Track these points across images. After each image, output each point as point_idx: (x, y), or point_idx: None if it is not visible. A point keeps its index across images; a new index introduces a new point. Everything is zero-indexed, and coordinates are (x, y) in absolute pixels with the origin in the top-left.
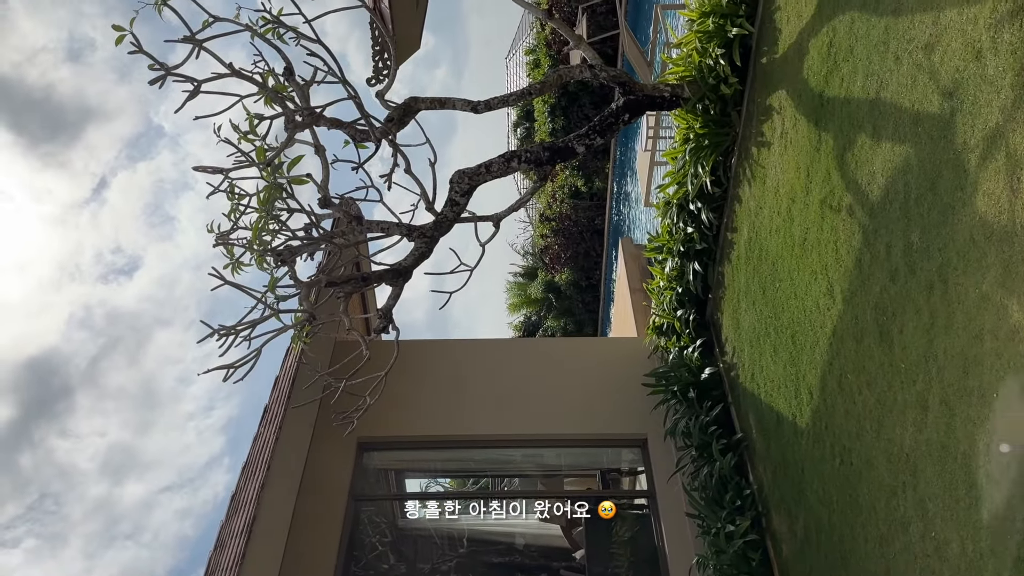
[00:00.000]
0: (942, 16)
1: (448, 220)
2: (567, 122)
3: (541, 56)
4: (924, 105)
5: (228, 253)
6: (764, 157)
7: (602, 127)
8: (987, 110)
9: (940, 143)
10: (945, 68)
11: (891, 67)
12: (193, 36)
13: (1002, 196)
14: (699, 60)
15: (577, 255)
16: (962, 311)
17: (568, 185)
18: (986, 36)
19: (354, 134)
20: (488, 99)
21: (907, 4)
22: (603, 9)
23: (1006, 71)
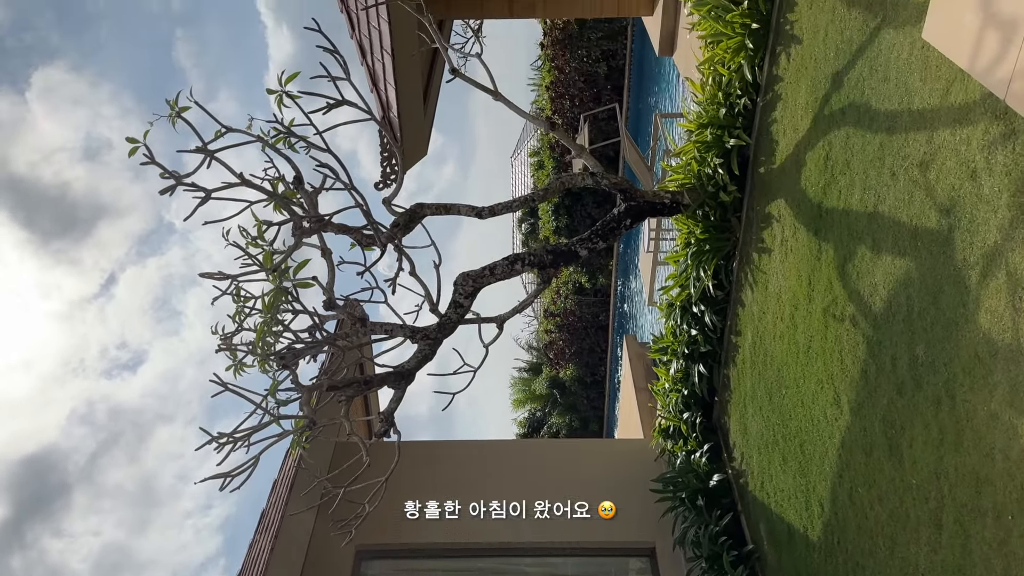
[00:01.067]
0: (935, 136)
1: (452, 322)
2: (571, 220)
3: (545, 158)
4: (922, 221)
5: (231, 356)
6: (765, 263)
7: (604, 231)
8: (985, 228)
9: (940, 258)
10: (941, 186)
11: (888, 182)
12: (205, 147)
13: (1005, 315)
14: (698, 169)
15: (582, 351)
16: (971, 429)
17: (572, 281)
18: (980, 157)
19: (360, 239)
20: (492, 205)
21: (901, 122)
22: (605, 115)
23: (1002, 191)
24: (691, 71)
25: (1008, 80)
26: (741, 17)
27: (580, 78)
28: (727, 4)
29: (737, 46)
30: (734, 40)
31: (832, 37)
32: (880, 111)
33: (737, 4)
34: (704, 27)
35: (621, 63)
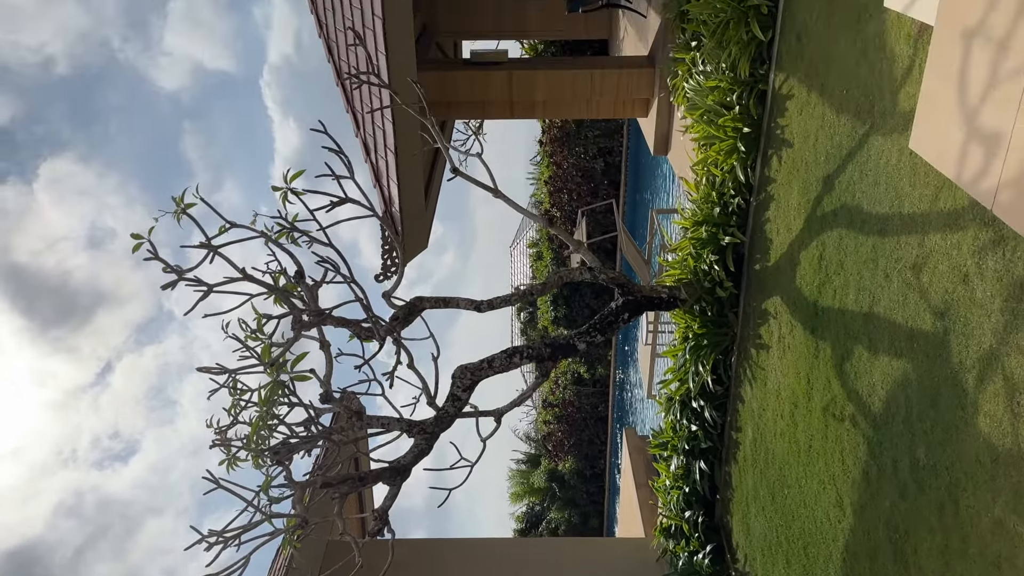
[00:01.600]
0: (927, 240)
1: (449, 416)
2: (569, 311)
3: (543, 249)
4: (917, 323)
5: (225, 451)
6: (763, 359)
7: (602, 325)
8: (979, 332)
9: (936, 361)
10: (934, 289)
11: (882, 283)
12: (209, 242)
13: (1004, 419)
14: (694, 264)
15: (581, 442)
16: (976, 535)
17: (571, 371)
18: (971, 262)
19: (359, 332)
20: (491, 299)
21: (892, 226)
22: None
23: (994, 296)
24: (685, 171)
25: (994, 191)
26: (733, 121)
27: (578, 173)
28: (719, 109)
29: (729, 148)
30: (726, 143)
31: (822, 142)
32: (872, 214)
33: (729, 109)
34: (697, 130)
35: (617, 159)
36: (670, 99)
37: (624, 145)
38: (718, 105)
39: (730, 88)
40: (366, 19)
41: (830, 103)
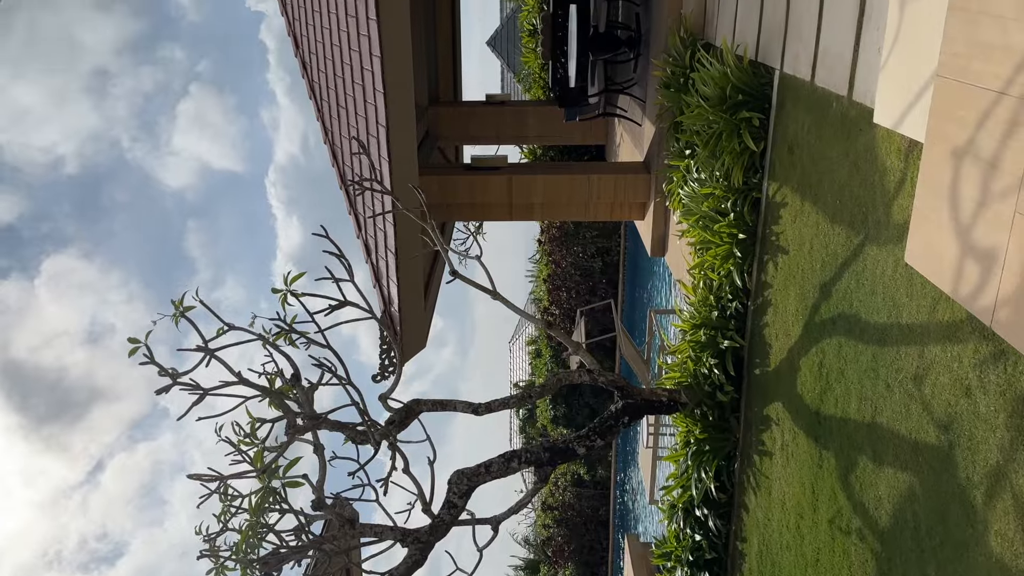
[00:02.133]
0: (927, 351)
1: (445, 524)
2: (568, 410)
3: (542, 347)
4: (921, 435)
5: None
6: (767, 467)
7: (602, 429)
8: (985, 447)
9: (943, 475)
10: (937, 401)
11: (883, 394)
12: (206, 345)
13: (1015, 539)
14: (694, 368)
15: (581, 548)
16: None
17: (571, 472)
18: (973, 375)
19: (355, 436)
20: (489, 402)
21: (891, 335)
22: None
23: (998, 411)
24: (682, 273)
25: (992, 309)
26: (728, 227)
27: (576, 272)
28: (714, 215)
29: (725, 253)
30: (722, 248)
31: (817, 250)
32: (870, 323)
33: (723, 215)
34: (693, 235)
35: (615, 259)
36: (666, 204)
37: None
38: (713, 212)
39: (724, 195)
40: (371, 127)
41: (824, 212)
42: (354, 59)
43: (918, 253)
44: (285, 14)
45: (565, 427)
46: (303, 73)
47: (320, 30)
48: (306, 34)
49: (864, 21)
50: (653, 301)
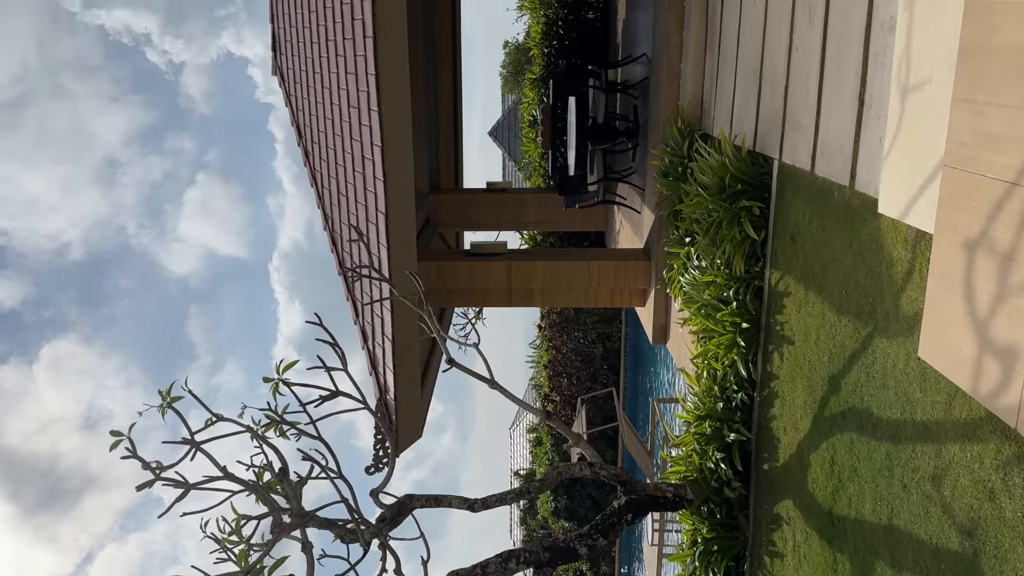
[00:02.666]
0: (944, 450)
1: None
2: (570, 501)
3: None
4: (943, 541)
5: None
6: (779, 569)
7: (604, 527)
8: (1014, 557)
9: None
10: (958, 504)
11: (900, 494)
12: (192, 438)
13: None
14: (700, 462)
15: None
16: None
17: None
18: (996, 477)
19: (344, 535)
20: (486, 497)
21: (906, 432)
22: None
23: None
24: (685, 362)
25: (1017, 409)
26: (731, 316)
27: (577, 358)
28: (716, 304)
29: (729, 343)
30: (726, 337)
31: (824, 341)
32: (882, 419)
33: (726, 304)
34: (695, 323)
35: (616, 345)
36: (667, 291)
37: (623, 332)
38: (715, 300)
39: (726, 284)
40: (370, 215)
41: (829, 303)
42: (355, 148)
43: (932, 348)
44: (290, 104)
45: (567, 520)
46: (305, 161)
47: (323, 120)
48: (310, 124)
49: (864, 112)
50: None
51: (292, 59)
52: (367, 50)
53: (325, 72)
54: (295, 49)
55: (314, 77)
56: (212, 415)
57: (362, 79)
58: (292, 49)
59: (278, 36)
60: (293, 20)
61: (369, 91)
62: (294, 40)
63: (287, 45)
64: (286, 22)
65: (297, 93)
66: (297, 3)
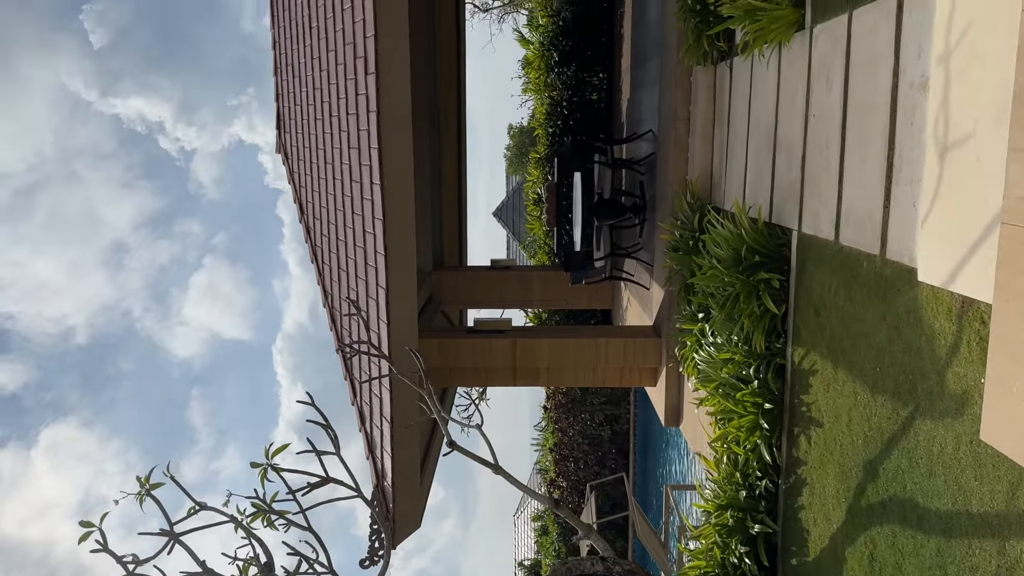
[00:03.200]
0: (1009, 547)
1: None
2: None
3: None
4: None
5: None
6: None
7: None
8: None
9: None
10: None
11: None
12: (171, 528)
13: None
14: (721, 556)
15: None
16: None
17: None
18: None
19: None
20: None
21: (959, 526)
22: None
23: None
24: (702, 446)
25: None
26: (752, 396)
27: (584, 441)
28: (735, 383)
29: (751, 425)
30: (747, 419)
31: (857, 423)
32: (931, 510)
33: (746, 383)
34: (712, 403)
35: (625, 427)
36: (679, 369)
37: (632, 413)
38: (734, 379)
39: (745, 361)
40: (370, 290)
41: (862, 381)
42: (357, 223)
43: (997, 429)
44: (293, 182)
45: None
46: (307, 238)
47: (325, 196)
48: (312, 200)
49: (893, 176)
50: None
51: (296, 136)
52: (370, 124)
53: (328, 147)
54: (299, 127)
55: (317, 153)
56: (195, 503)
57: (365, 153)
58: (296, 127)
59: (283, 114)
60: (298, 98)
61: (372, 165)
62: (298, 117)
63: (291, 123)
64: (291, 100)
65: (300, 170)
66: (302, 81)
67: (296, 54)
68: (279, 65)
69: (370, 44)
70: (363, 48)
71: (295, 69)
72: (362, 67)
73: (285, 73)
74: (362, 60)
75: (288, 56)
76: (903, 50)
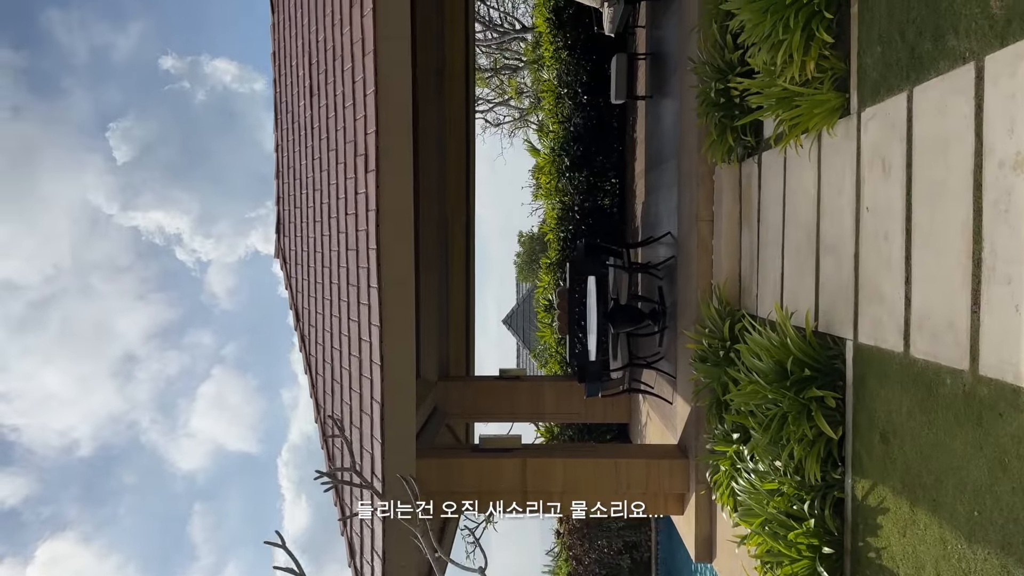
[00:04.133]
0: None
1: None
2: None
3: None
4: None
5: None
6: None
7: None
8: None
9: None
10: None
11: None
12: None
13: None
14: None
15: None
16: None
17: None
18: None
19: None
20: None
21: None
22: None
23: None
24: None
25: None
26: (807, 538)
27: (602, 571)
28: (785, 520)
29: (807, 572)
30: (801, 564)
31: None
32: None
33: (799, 520)
34: (757, 542)
35: (647, 555)
36: (711, 497)
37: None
38: (783, 515)
39: (796, 494)
40: (364, 403)
41: (953, 527)
42: (352, 329)
43: None
44: (289, 287)
45: None
46: (301, 347)
47: (321, 301)
48: (307, 306)
49: (983, 274)
50: None
51: (295, 240)
52: (369, 224)
53: (326, 251)
54: (298, 229)
55: (314, 256)
56: None
57: (363, 255)
58: (295, 230)
59: (283, 218)
60: (298, 201)
61: (369, 267)
62: (298, 220)
63: (291, 226)
64: (291, 203)
65: (297, 275)
66: (303, 183)
67: (298, 155)
68: (280, 168)
69: (371, 140)
70: (363, 145)
71: (296, 171)
72: (362, 165)
73: (287, 176)
74: (362, 158)
75: (289, 158)
76: (988, 126)
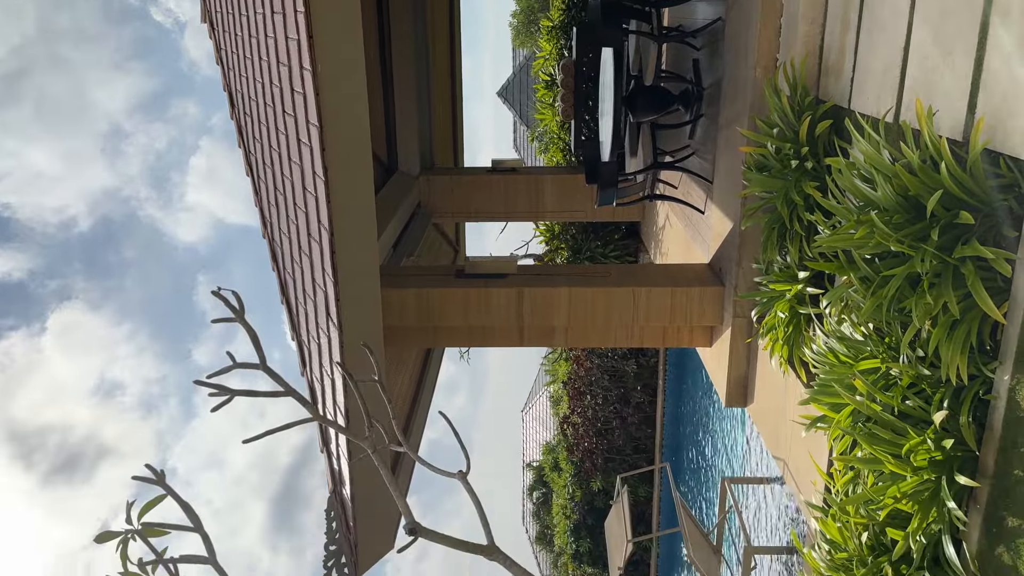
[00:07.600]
0: None
1: None
2: (594, 545)
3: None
4: None
5: None
6: None
7: None
8: None
9: None
10: None
11: None
12: None
13: None
14: None
15: None
16: None
17: None
18: None
19: None
20: None
21: None
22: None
23: None
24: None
25: None
26: (929, 452)
27: (604, 375)
28: (898, 423)
29: (927, 498)
30: (916, 484)
31: None
32: None
33: (914, 423)
34: (835, 434)
35: (653, 361)
36: (761, 347)
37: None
38: (896, 416)
39: (923, 389)
40: (312, 229)
41: None
42: (289, 124)
43: None
44: (221, 62)
45: (590, 565)
46: (240, 142)
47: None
48: (242, 89)
49: None
50: (706, 427)
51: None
52: None
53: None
54: None
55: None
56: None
57: (291, 20)
58: None
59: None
60: None
61: (300, 39)
62: None
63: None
64: None
65: (227, 46)
66: None
67: None
68: None
69: None
70: None
71: None
72: None
73: None
74: None
75: None
76: None
